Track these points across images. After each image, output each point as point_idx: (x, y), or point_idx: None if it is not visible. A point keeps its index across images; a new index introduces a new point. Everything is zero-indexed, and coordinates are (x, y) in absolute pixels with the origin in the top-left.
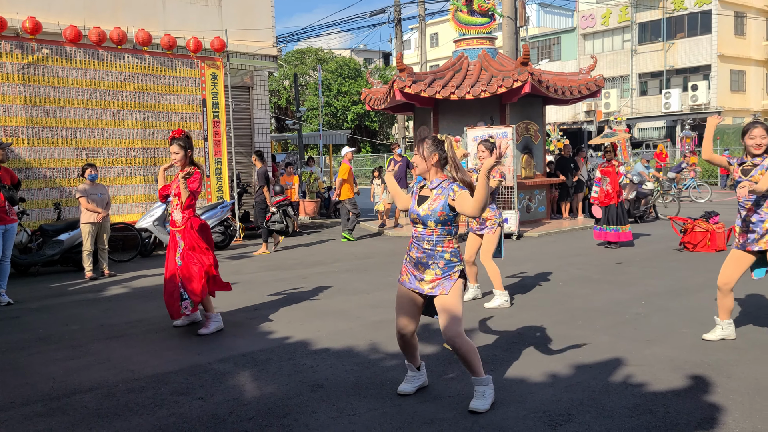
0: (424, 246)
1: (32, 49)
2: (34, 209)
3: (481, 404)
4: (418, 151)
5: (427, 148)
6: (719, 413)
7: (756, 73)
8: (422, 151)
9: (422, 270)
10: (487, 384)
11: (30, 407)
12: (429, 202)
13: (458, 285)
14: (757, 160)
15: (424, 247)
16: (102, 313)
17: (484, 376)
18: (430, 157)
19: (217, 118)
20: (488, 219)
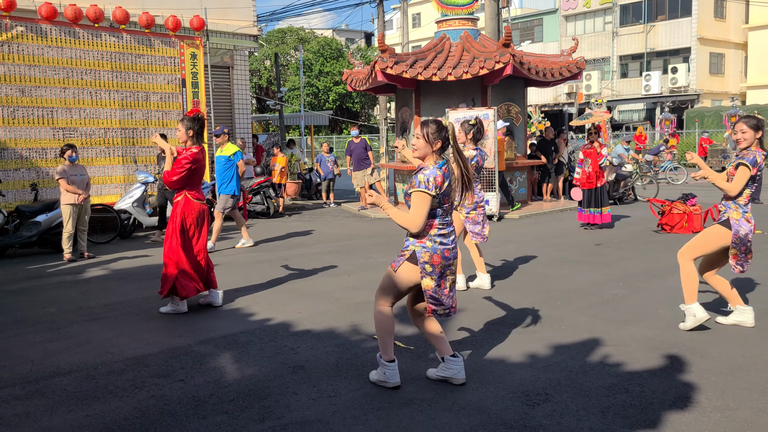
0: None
1: (6, 27)
2: (10, 190)
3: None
4: (422, 134)
5: (432, 134)
6: (693, 392)
7: (735, 56)
8: (426, 136)
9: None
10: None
11: (8, 390)
12: (408, 182)
13: (403, 268)
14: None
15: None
16: (81, 296)
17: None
18: (434, 143)
19: (197, 98)
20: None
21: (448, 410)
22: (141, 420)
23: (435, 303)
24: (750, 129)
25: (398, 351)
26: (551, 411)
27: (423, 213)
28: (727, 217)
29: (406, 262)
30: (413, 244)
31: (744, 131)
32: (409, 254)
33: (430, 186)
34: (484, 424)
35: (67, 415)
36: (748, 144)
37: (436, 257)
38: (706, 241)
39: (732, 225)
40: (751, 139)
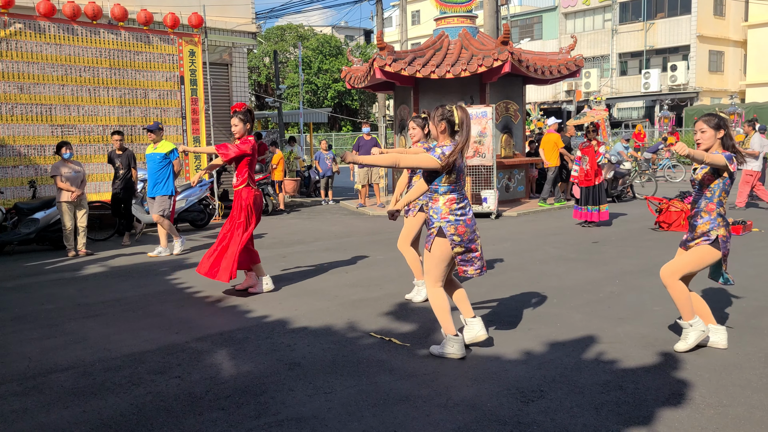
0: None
1: (4, 24)
2: (9, 187)
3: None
4: (432, 122)
5: (437, 117)
6: (687, 389)
7: (734, 54)
8: (433, 119)
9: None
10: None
11: (5, 386)
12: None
13: (436, 244)
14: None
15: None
16: (78, 292)
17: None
18: (438, 125)
19: (196, 95)
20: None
21: (442, 407)
22: (138, 416)
23: (466, 264)
24: (710, 128)
25: (394, 348)
26: (545, 408)
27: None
28: (716, 236)
29: (436, 237)
30: (438, 221)
31: (703, 130)
32: (436, 231)
33: (443, 157)
34: (478, 421)
35: (64, 411)
36: (708, 145)
37: (461, 228)
38: (697, 264)
39: (721, 244)
40: (712, 140)
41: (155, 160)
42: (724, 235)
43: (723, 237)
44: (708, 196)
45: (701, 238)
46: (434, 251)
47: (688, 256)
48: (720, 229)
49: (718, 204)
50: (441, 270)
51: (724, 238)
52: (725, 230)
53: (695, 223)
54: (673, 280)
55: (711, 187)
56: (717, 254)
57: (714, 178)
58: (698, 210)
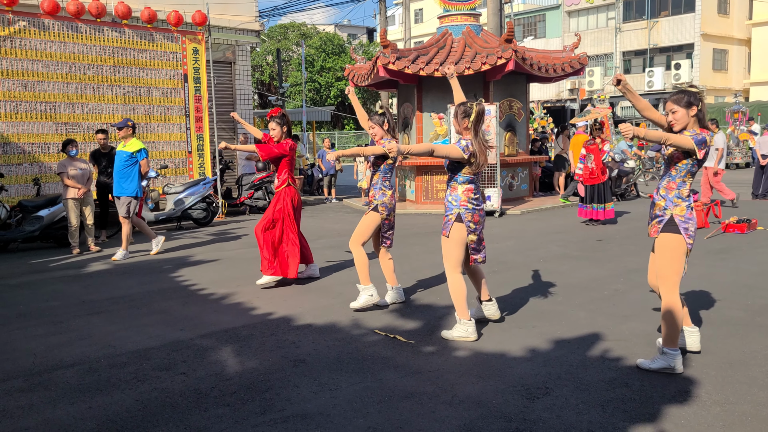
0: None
1: (8, 22)
2: (13, 185)
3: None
4: (455, 119)
5: (460, 114)
6: (693, 386)
7: (738, 52)
8: (457, 116)
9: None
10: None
11: (11, 383)
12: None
13: (454, 230)
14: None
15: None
16: (83, 289)
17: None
18: (462, 121)
19: (199, 93)
20: (370, 200)
21: (448, 404)
22: (143, 412)
23: (476, 252)
24: (681, 107)
25: (399, 345)
26: (551, 405)
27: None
28: (669, 215)
29: (454, 223)
30: (457, 207)
31: (674, 111)
32: (454, 216)
33: (468, 149)
34: (483, 418)
35: (70, 407)
36: (682, 125)
37: (476, 216)
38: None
39: (679, 224)
40: (685, 119)
41: (121, 158)
42: (680, 214)
43: (680, 216)
44: (672, 174)
45: (656, 219)
46: (453, 235)
47: (660, 260)
48: (676, 208)
49: (680, 184)
50: (459, 254)
51: (682, 218)
52: (683, 209)
53: (654, 200)
54: (670, 291)
55: (678, 166)
56: (681, 240)
57: (683, 158)
58: (659, 186)
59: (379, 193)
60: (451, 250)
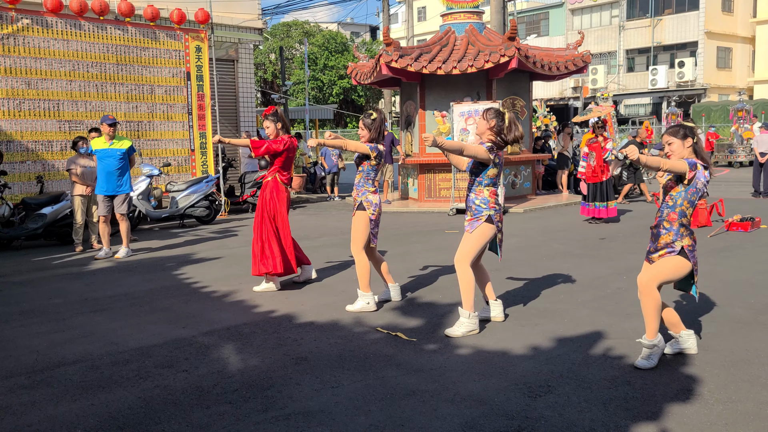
0: (467, 192)
1: (11, 19)
2: (16, 182)
3: (453, 330)
4: (484, 117)
5: (489, 116)
6: (695, 384)
7: (742, 50)
8: (486, 117)
9: (467, 212)
10: (466, 317)
11: (13, 380)
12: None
13: (482, 227)
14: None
15: (467, 193)
16: (86, 287)
17: (466, 311)
18: (489, 121)
19: (202, 91)
20: (355, 199)
21: (449, 401)
22: (145, 409)
23: (499, 249)
24: (677, 139)
25: (401, 343)
26: (553, 403)
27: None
28: (681, 247)
29: (484, 223)
30: (487, 210)
31: (670, 143)
32: (485, 218)
33: (492, 151)
34: (485, 416)
35: (72, 404)
36: (678, 157)
37: (501, 216)
38: (672, 273)
39: (688, 254)
40: (681, 150)
41: (115, 156)
42: (689, 245)
43: (688, 247)
44: (670, 205)
45: (665, 250)
46: (481, 233)
47: (663, 265)
48: (684, 239)
49: (680, 214)
50: (480, 250)
51: (690, 247)
52: (690, 240)
53: (658, 233)
54: (651, 287)
55: (673, 195)
56: (688, 265)
57: (676, 186)
58: (661, 219)
59: (362, 190)
60: (474, 246)
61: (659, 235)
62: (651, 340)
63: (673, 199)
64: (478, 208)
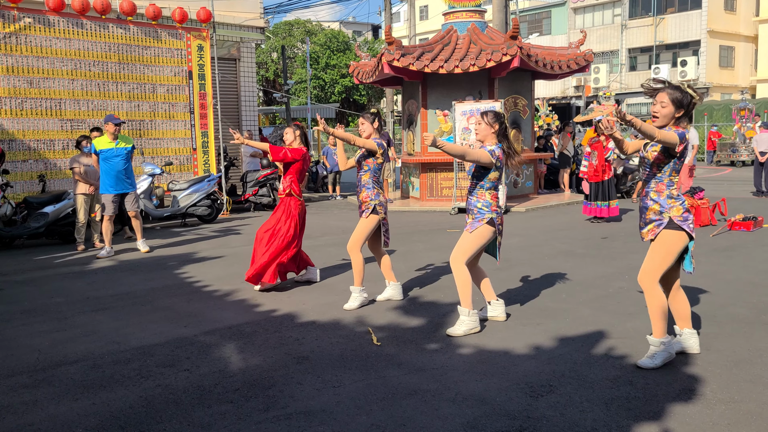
0: (468, 195)
1: (14, 18)
2: (18, 181)
3: (454, 330)
4: (484, 120)
5: (491, 119)
6: (698, 384)
7: (745, 49)
8: (488, 121)
9: (467, 214)
10: (466, 315)
11: (15, 378)
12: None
13: (482, 228)
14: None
15: (468, 196)
16: (88, 286)
17: (465, 309)
18: (493, 125)
19: (204, 90)
20: (363, 201)
21: (451, 401)
22: (147, 409)
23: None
24: (671, 104)
25: (403, 343)
26: (555, 402)
27: (484, 158)
28: (669, 218)
29: (485, 225)
30: (489, 213)
31: (664, 104)
32: (486, 220)
33: (494, 154)
34: (487, 415)
35: (74, 403)
36: (664, 122)
37: (502, 218)
38: (667, 256)
39: (679, 224)
40: (669, 117)
41: (122, 155)
42: (678, 214)
43: (678, 217)
44: (658, 176)
45: (653, 224)
46: (480, 234)
47: (655, 251)
48: (672, 210)
49: (668, 184)
50: (474, 251)
51: (681, 218)
52: (680, 209)
53: (646, 205)
54: (651, 284)
55: (662, 166)
56: (682, 236)
57: (665, 158)
58: (648, 191)
59: (373, 193)
60: (471, 246)
61: (646, 208)
62: (658, 339)
63: (661, 171)
64: (480, 211)
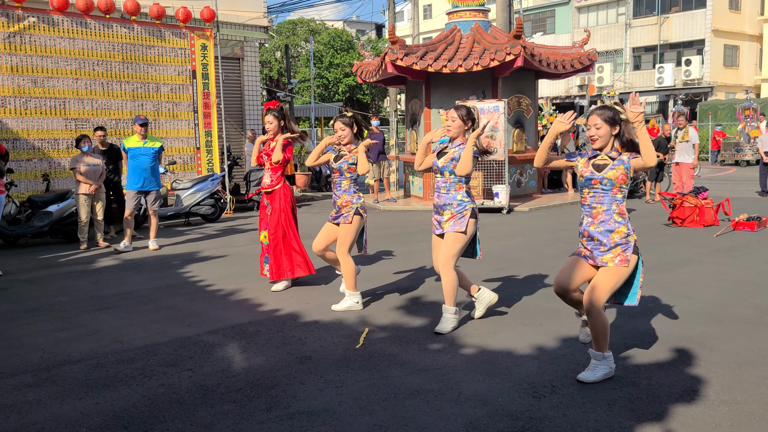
0: (442, 192)
1: (18, 18)
2: (23, 180)
3: (440, 327)
4: (458, 116)
5: (464, 116)
6: (701, 385)
7: (749, 48)
8: (461, 117)
9: (441, 212)
10: (452, 313)
11: (19, 378)
12: (446, 156)
13: (467, 225)
14: (613, 154)
15: (442, 193)
16: (92, 285)
17: (451, 308)
18: (466, 122)
19: (207, 89)
20: (343, 206)
21: (453, 401)
22: (150, 408)
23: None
24: (606, 124)
25: (405, 342)
26: (557, 403)
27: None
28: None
29: (470, 219)
30: (470, 203)
31: (598, 126)
32: (469, 212)
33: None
34: (489, 416)
35: (77, 402)
36: (603, 143)
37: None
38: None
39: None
40: (607, 137)
41: (149, 154)
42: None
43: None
44: (619, 198)
45: (620, 248)
46: (469, 231)
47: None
48: (633, 234)
49: (624, 206)
50: (462, 252)
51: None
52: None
53: (610, 229)
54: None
55: (623, 187)
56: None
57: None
58: (611, 212)
59: (354, 197)
60: (462, 245)
61: (611, 231)
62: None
63: (622, 191)
64: (461, 203)
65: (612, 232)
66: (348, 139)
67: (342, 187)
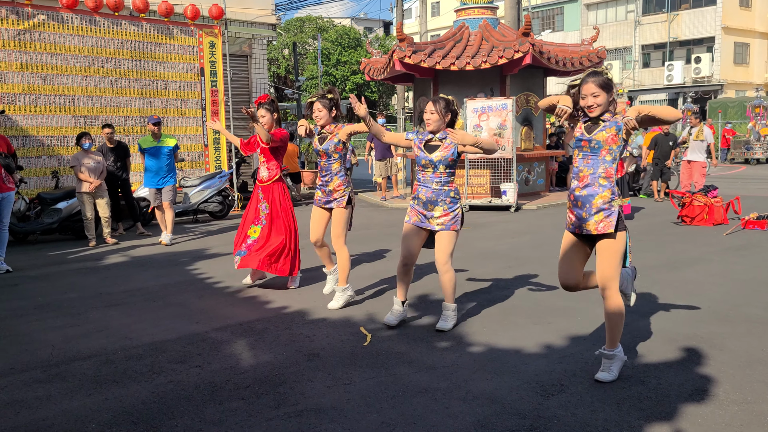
0: (433, 187)
1: (28, 15)
2: (32, 177)
3: (442, 324)
4: (435, 110)
5: (444, 108)
6: (710, 385)
7: (760, 46)
8: (439, 111)
9: (431, 208)
10: (452, 310)
11: (29, 373)
12: (440, 150)
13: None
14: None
15: (433, 187)
16: (101, 282)
17: (453, 305)
18: (446, 115)
19: (215, 87)
20: (335, 190)
21: (461, 400)
22: (158, 404)
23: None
24: (604, 91)
25: (413, 340)
26: (566, 402)
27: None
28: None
29: (459, 213)
30: (459, 200)
31: (596, 94)
32: (460, 209)
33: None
34: (497, 414)
35: (87, 398)
36: (602, 110)
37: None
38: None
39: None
40: (606, 103)
41: (163, 152)
42: (620, 204)
43: (621, 207)
44: (608, 160)
45: (602, 213)
46: (458, 231)
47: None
48: (619, 198)
49: (615, 169)
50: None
51: (620, 208)
52: (618, 198)
53: (593, 193)
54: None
55: (613, 149)
56: (625, 235)
57: (618, 140)
58: (594, 177)
59: (345, 181)
60: (454, 242)
61: (594, 196)
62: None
63: (611, 153)
64: (453, 199)
65: (595, 196)
66: (324, 121)
67: (332, 171)
